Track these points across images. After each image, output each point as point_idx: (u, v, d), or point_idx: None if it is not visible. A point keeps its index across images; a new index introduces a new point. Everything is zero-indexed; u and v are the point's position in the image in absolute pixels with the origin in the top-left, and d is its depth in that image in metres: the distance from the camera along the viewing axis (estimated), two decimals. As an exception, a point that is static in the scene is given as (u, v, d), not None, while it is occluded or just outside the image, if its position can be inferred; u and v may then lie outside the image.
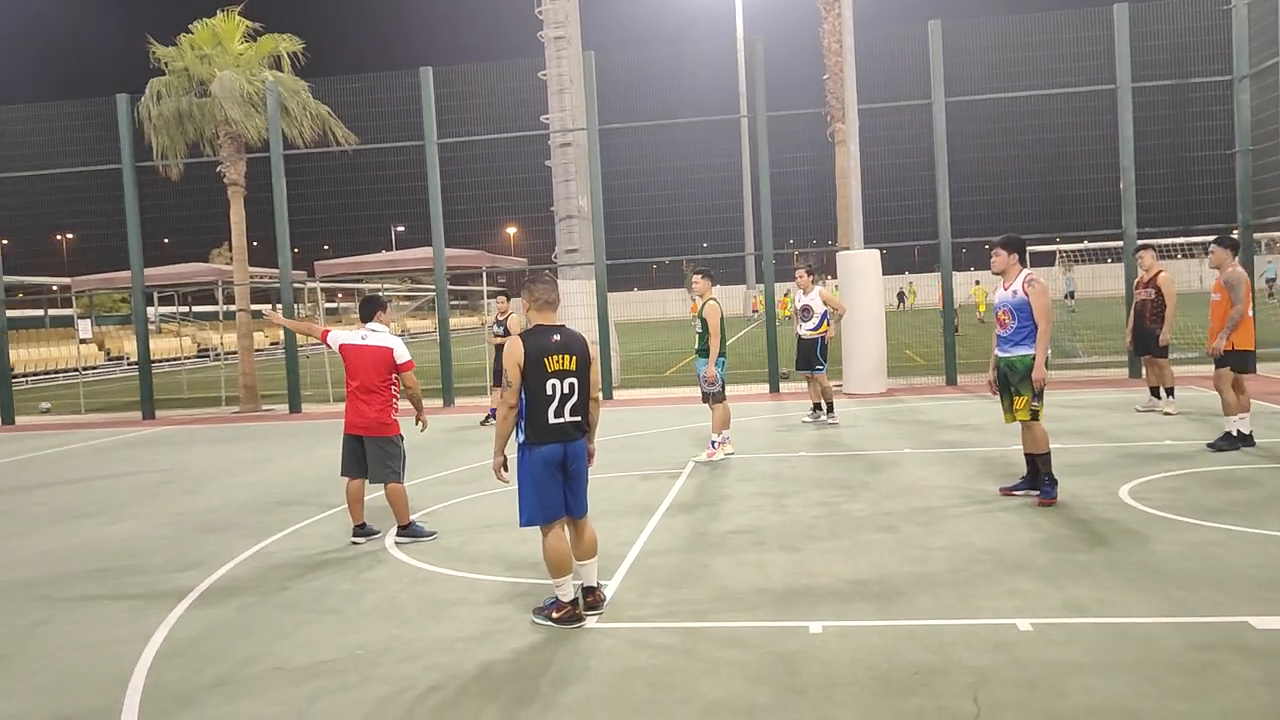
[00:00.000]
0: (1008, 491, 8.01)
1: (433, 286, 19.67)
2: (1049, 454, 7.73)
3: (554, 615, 5.41)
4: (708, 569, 6.37)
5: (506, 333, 14.48)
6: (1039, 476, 7.76)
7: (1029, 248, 16.91)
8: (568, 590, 5.44)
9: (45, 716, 4.56)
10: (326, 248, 24.19)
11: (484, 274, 20.83)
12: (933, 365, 19.38)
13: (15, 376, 21.32)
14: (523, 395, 5.36)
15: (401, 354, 7.54)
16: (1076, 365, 18.17)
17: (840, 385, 15.93)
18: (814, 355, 12.73)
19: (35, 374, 34.52)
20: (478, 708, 4.40)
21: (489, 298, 15.33)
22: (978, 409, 13.56)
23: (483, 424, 14.63)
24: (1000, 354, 7.76)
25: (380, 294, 7.98)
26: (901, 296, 56.57)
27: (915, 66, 16.95)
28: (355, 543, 7.61)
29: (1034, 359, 7.47)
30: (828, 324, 12.80)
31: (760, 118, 17.27)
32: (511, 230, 31.88)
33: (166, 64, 19.23)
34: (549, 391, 5.33)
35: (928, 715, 4.06)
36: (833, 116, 21.48)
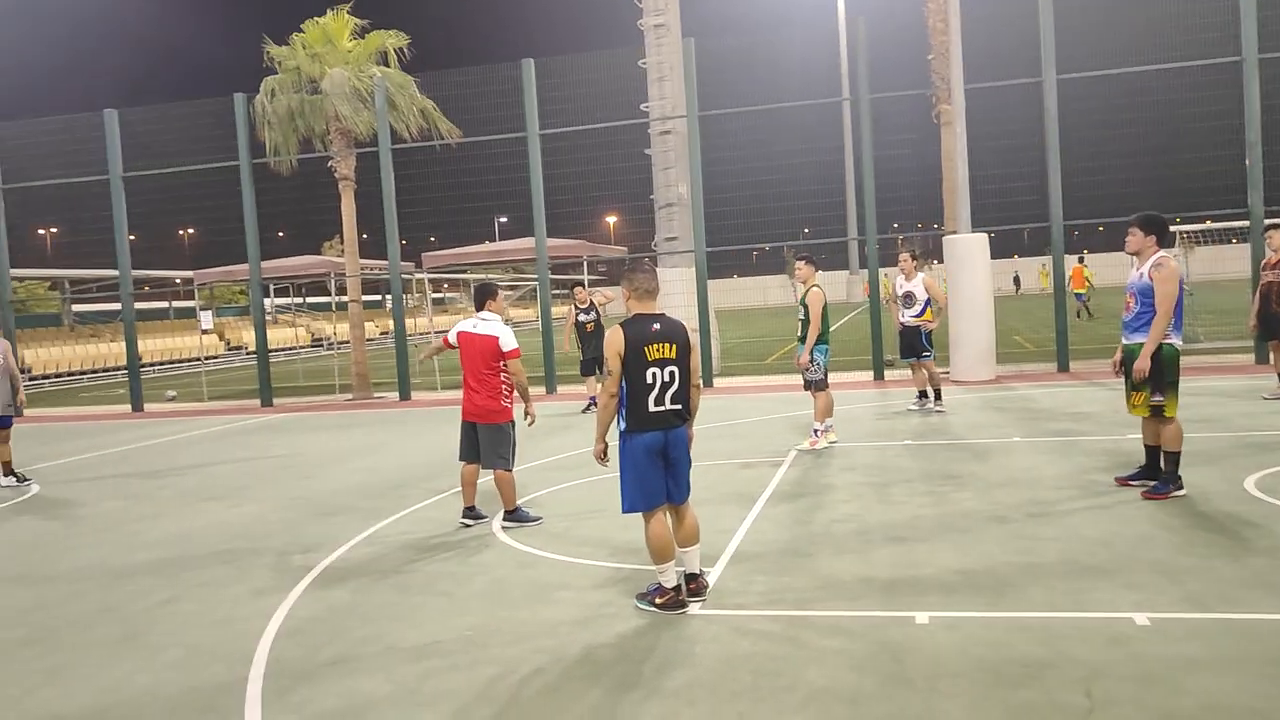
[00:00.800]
0: (1124, 481, 7.73)
1: (535, 276, 19.96)
2: (1178, 454, 7.29)
3: (657, 601, 5.46)
4: (811, 558, 6.34)
5: (596, 317, 14.66)
6: (1157, 469, 7.46)
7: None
8: (670, 576, 5.48)
9: (177, 689, 4.82)
10: (433, 239, 24.76)
11: (585, 263, 21.01)
12: (1044, 351, 18.83)
13: (142, 366, 22.39)
14: (623, 384, 5.41)
15: (506, 342, 7.62)
16: (1198, 350, 17.43)
17: (947, 372, 15.60)
18: (918, 342, 12.49)
19: (161, 363, 36.18)
20: (582, 690, 4.48)
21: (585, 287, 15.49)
22: (1090, 396, 13.13)
23: (584, 411, 14.79)
24: (1124, 340, 7.47)
25: (492, 283, 8.11)
26: (1017, 280, 54.98)
27: (1024, 44, 16.43)
28: (464, 524, 7.81)
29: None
30: (931, 311, 12.53)
31: (863, 100, 16.99)
32: (612, 219, 32.11)
33: (280, 63, 19.87)
34: (649, 380, 5.36)
35: (1039, 709, 3.98)
36: (938, 98, 20.98)
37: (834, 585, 5.74)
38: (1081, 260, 31.97)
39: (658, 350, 5.37)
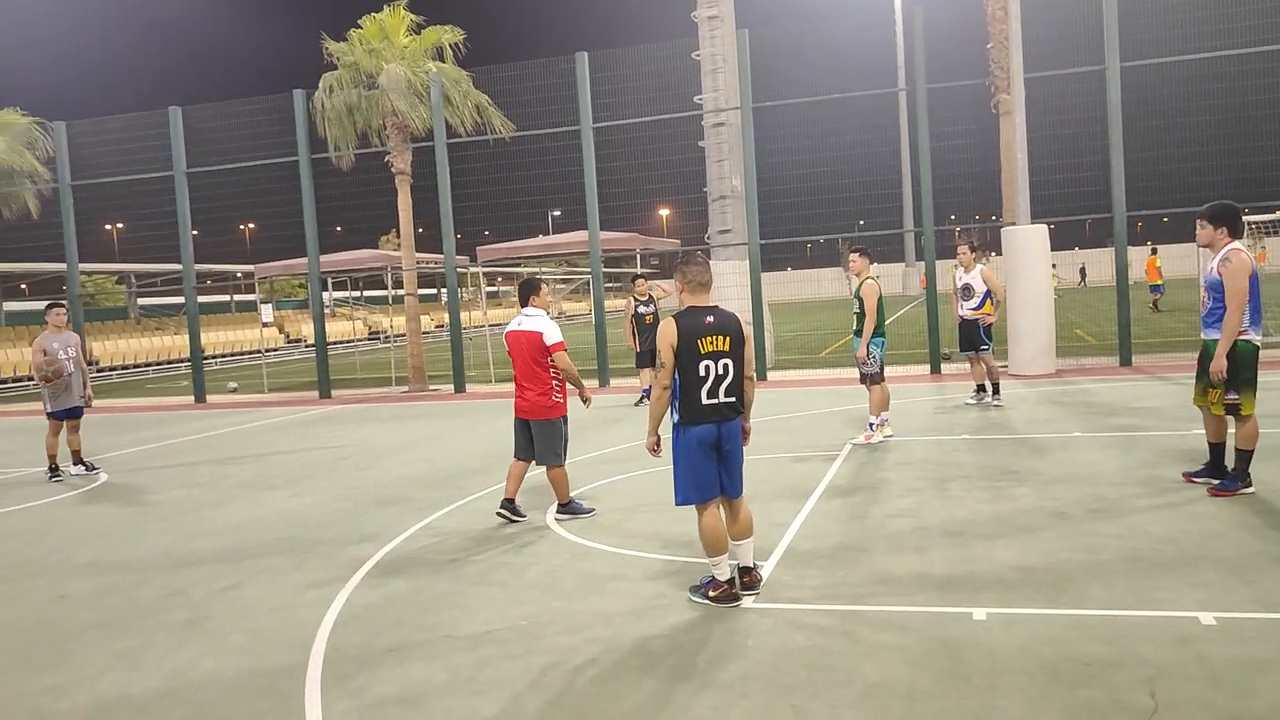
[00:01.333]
0: (1190, 478, 7.55)
1: (588, 269, 20.03)
2: (1251, 451, 7.10)
3: (711, 594, 5.45)
4: (866, 552, 6.28)
5: (655, 309, 14.68)
6: (1220, 467, 7.28)
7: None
8: (724, 569, 5.47)
9: (241, 673, 4.92)
10: (487, 233, 24.96)
11: (637, 256, 21.03)
12: (1106, 345, 18.44)
13: (205, 358, 22.87)
14: (676, 376, 5.40)
15: (551, 336, 7.54)
16: (1268, 344, 16.97)
17: (1005, 366, 15.36)
18: (977, 335, 12.33)
19: (222, 355, 36.95)
20: (636, 680, 4.49)
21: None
22: (1154, 391, 12.84)
23: (637, 404, 14.81)
24: (1201, 335, 7.32)
25: (536, 277, 8.10)
26: (1083, 273, 54.02)
27: (1086, 31, 16.08)
28: (499, 514, 7.77)
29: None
30: (991, 304, 12.35)
31: (920, 91, 16.76)
32: (665, 212, 32.07)
33: (338, 59, 20.15)
34: (702, 373, 5.34)
35: (1101, 708, 3.91)
36: (997, 87, 20.67)
37: (889, 580, 5.69)
38: (1154, 252, 31.28)
39: (711, 343, 5.35)
